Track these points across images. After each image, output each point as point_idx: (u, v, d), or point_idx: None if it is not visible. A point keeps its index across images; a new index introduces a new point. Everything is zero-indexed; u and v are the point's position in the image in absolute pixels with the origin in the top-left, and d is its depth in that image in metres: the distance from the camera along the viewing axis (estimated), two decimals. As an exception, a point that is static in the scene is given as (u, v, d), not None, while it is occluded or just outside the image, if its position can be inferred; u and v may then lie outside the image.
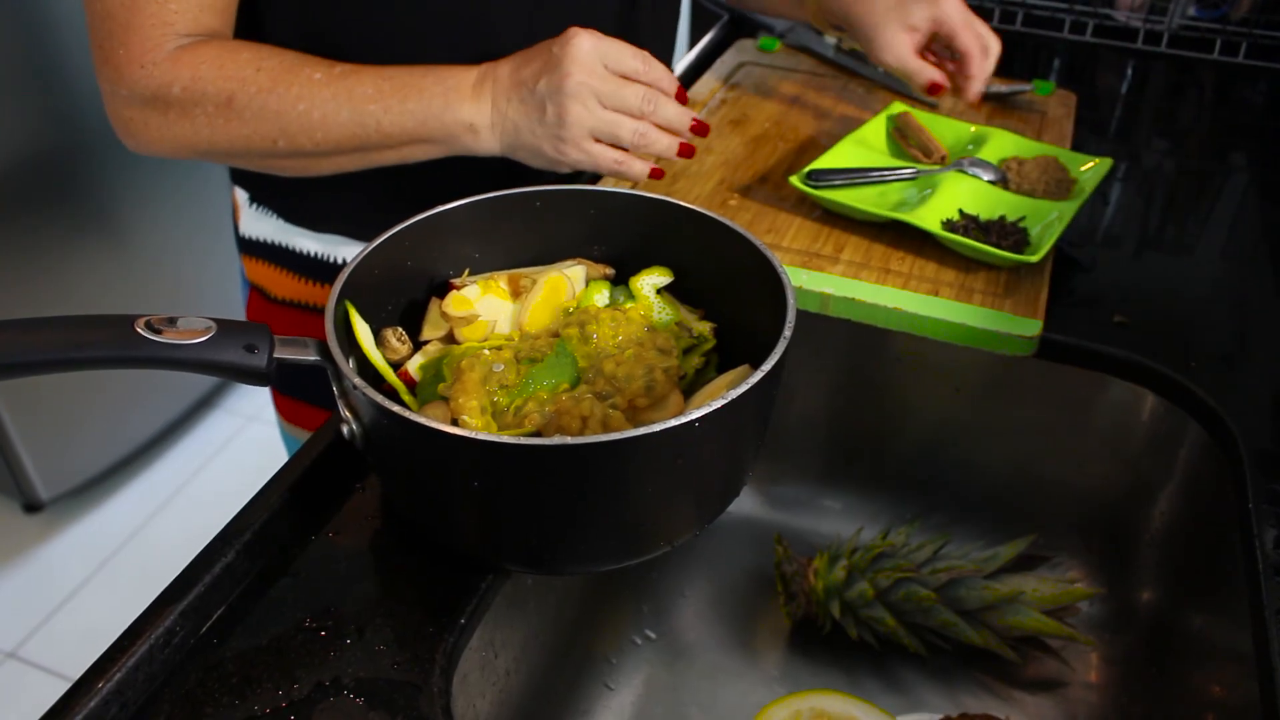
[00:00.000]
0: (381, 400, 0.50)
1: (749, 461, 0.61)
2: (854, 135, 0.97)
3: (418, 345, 0.65)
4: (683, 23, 1.76)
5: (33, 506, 1.89)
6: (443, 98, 0.76)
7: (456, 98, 0.76)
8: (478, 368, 0.58)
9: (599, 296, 0.66)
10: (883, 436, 0.91)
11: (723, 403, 0.51)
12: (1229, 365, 0.78)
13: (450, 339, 0.65)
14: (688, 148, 0.79)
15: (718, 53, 1.22)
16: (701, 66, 1.19)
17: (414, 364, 0.63)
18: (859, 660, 0.81)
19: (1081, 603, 0.80)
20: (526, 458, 0.49)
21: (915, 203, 0.89)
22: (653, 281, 0.67)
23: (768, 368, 0.53)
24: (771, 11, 1.15)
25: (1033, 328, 0.77)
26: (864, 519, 0.92)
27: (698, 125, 0.79)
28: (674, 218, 0.67)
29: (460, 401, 0.57)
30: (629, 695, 0.80)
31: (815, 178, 0.90)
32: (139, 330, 0.50)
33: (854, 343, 0.86)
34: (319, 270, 0.97)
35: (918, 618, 0.78)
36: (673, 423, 0.49)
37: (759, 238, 0.63)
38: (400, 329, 0.64)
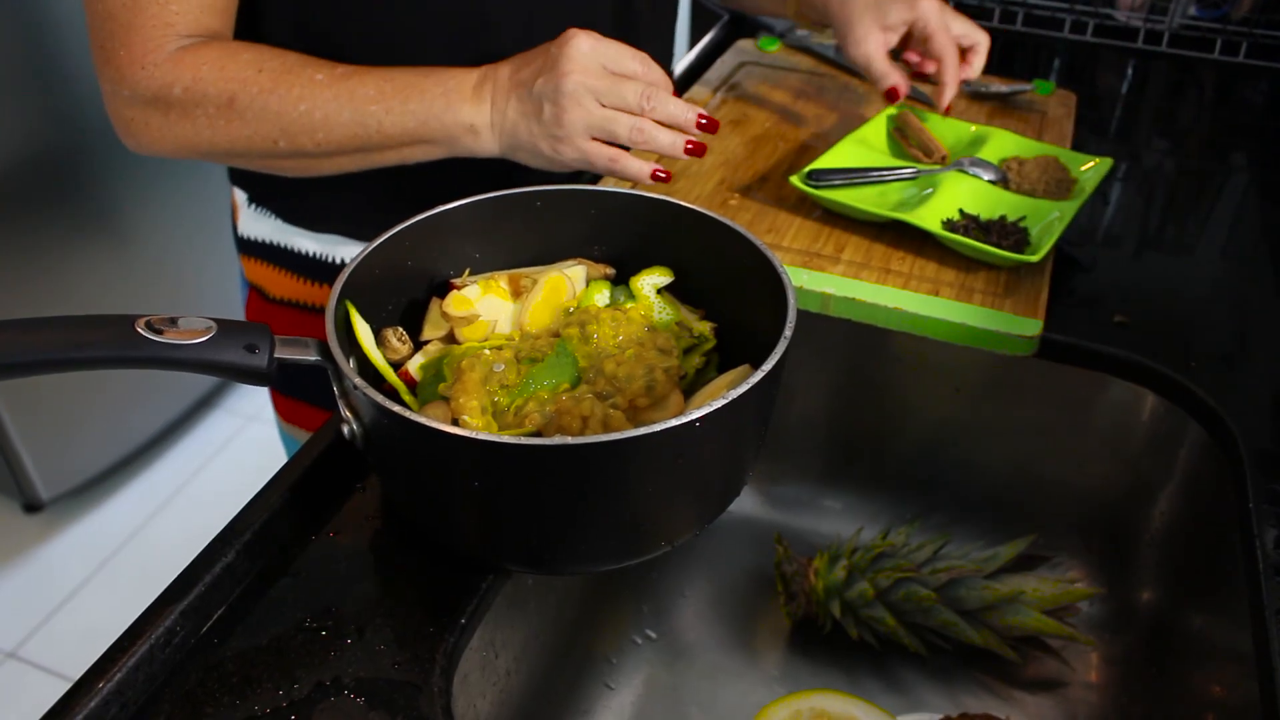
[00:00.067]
0: (382, 400, 0.50)
1: (749, 461, 0.61)
2: (854, 135, 0.97)
3: (418, 345, 0.65)
4: (683, 23, 1.76)
5: (33, 506, 1.89)
6: (443, 99, 0.76)
7: (457, 99, 0.76)
8: (478, 368, 0.58)
9: (599, 296, 0.66)
10: (883, 436, 0.92)
11: (723, 402, 0.51)
12: (1229, 365, 0.78)
13: (451, 339, 0.65)
14: (699, 146, 0.76)
15: (718, 53, 1.22)
16: (701, 66, 1.19)
17: (414, 364, 0.63)
18: (859, 660, 0.81)
19: (1081, 603, 0.80)
20: (527, 458, 0.49)
21: (915, 202, 0.89)
22: (653, 281, 0.67)
23: (768, 368, 0.53)
24: (756, 9, 1.15)
25: (1033, 328, 0.77)
26: (864, 519, 0.92)
27: (707, 122, 0.76)
28: (674, 217, 0.67)
29: (461, 401, 0.57)
30: (629, 695, 0.80)
31: (815, 177, 0.90)
32: (139, 330, 0.50)
33: (854, 343, 0.86)
34: (318, 270, 0.97)
35: (918, 618, 0.78)
36: (673, 423, 0.49)
37: (759, 237, 0.63)
38: (401, 329, 0.64)
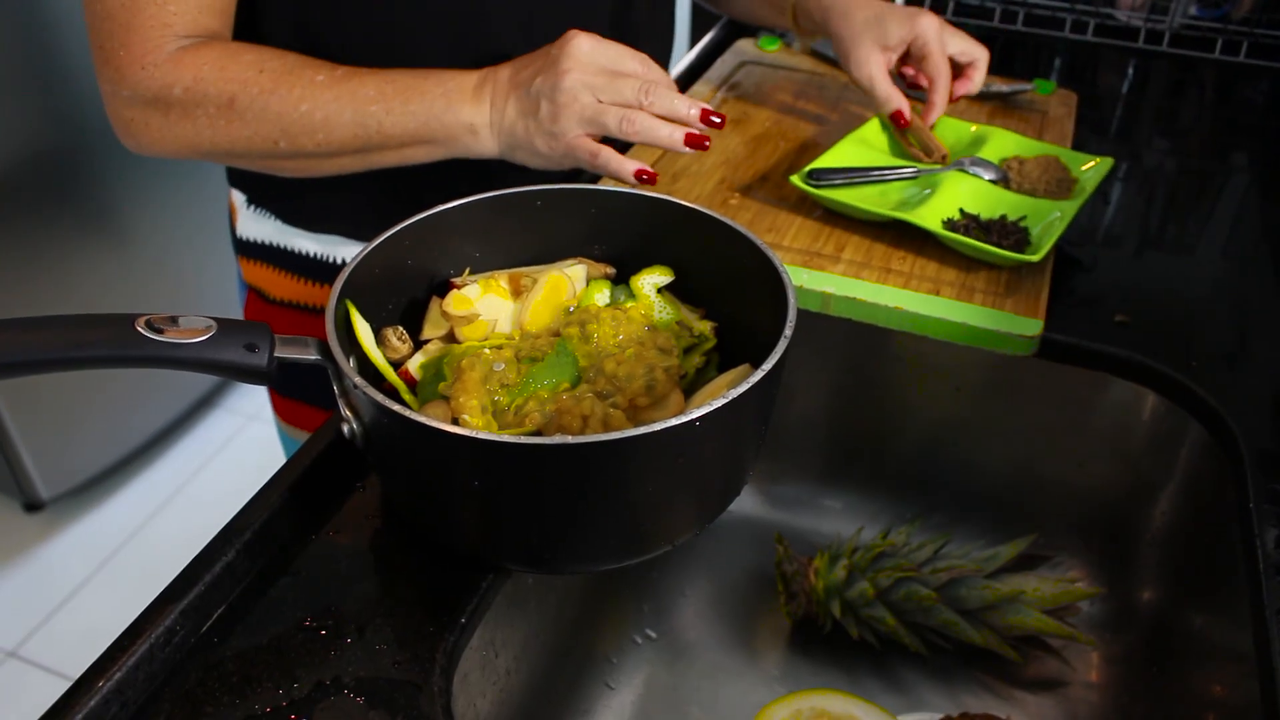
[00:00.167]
0: (382, 399, 0.50)
1: (750, 461, 0.61)
2: (855, 134, 0.97)
3: (418, 344, 0.65)
4: (683, 23, 1.76)
5: (33, 506, 1.89)
6: (444, 99, 0.76)
7: (458, 99, 0.76)
8: (478, 367, 0.58)
9: (600, 296, 0.66)
10: (883, 436, 0.91)
11: (723, 402, 0.51)
12: (1230, 365, 0.78)
13: (451, 338, 0.65)
14: (696, 137, 0.75)
15: (718, 52, 1.22)
16: (702, 66, 1.19)
17: (414, 363, 0.63)
18: (860, 660, 0.81)
19: (1082, 602, 0.80)
20: (527, 457, 0.49)
21: (916, 202, 0.89)
22: (653, 281, 0.67)
23: (768, 367, 0.53)
24: (754, 19, 1.14)
25: (1034, 327, 0.77)
26: (864, 518, 0.92)
27: (715, 118, 0.75)
28: (675, 217, 0.67)
29: (461, 400, 0.57)
30: (629, 695, 0.80)
31: (816, 177, 0.90)
32: (139, 329, 0.50)
33: (855, 342, 0.86)
34: (318, 271, 0.97)
35: (918, 617, 0.78)
36: (673, 422, 0.49)
37: (760, 237, 0.63)
38: (401, 328, 0.64)
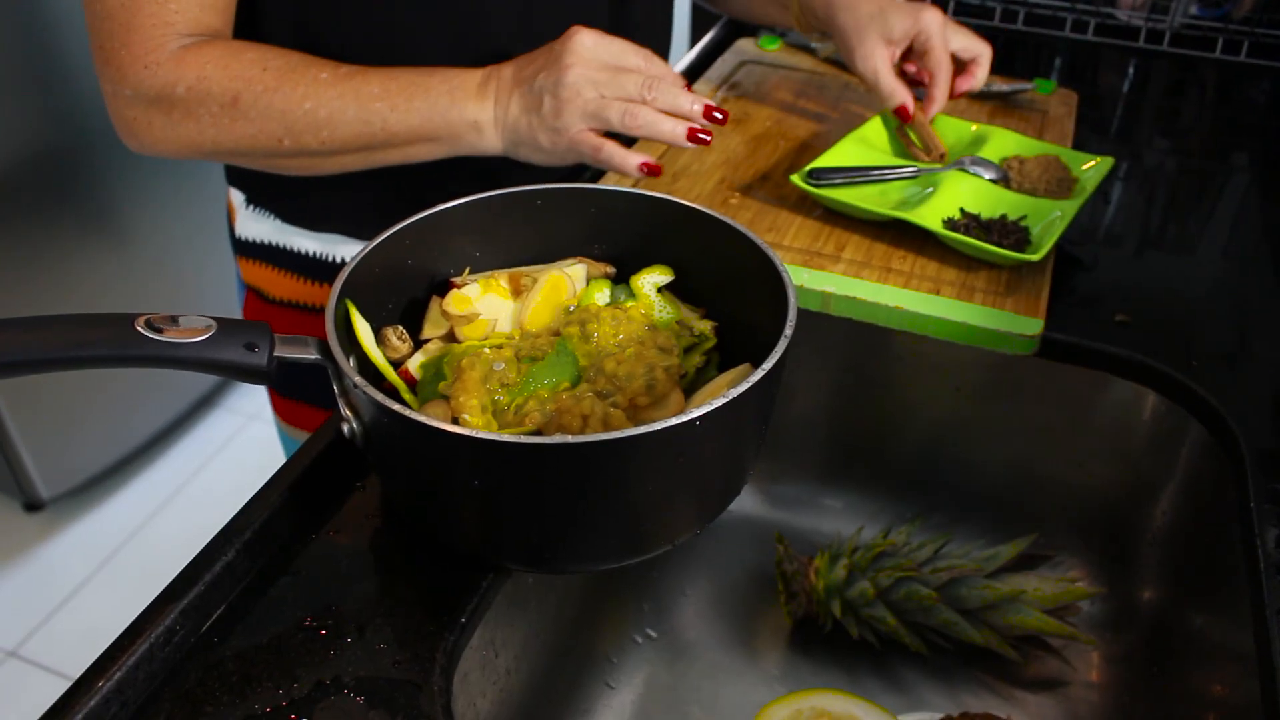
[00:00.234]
0: (382, 399, 0.50)
1: (750, 460, 0.61)
2: (855, 134, 0.97)
3: (418, 344, 0.65)
4: (683, 22, 1.75)
5: (33, 505, 1.89)
6: (448, 96, 0.76)
7: (462, 96, 0.76)
8: (478, 366, 0.58)
9: (600, 295, 0.66)
10: (884, 435, 0.91)
11: (724, 401, 0.50)
12: (1230, 364, 0.78)
13: (451, 337, 0.65)
14: (696, 132, 0.75)
15: (718, 52, 1.22)
16: (702, 65, 1.19)
17: (414, 362, 0.63)
18: (860, 659, 0.81)
19: (1082, 602, 0.80)
20: (527, 456, 0.49)
21: (916, 201, 0.89)
22: (653, 280, 0.67)
23: (768, 366, 0.53)
24: (756, 18, 1.14)
25: (1034, 327, 0.77)
26: (865, 518, 0.92)
27: (718, 113, 0.76)
28: (675, 216, 0.67)
29: (461, 400, 0.57)
30: (630, 694, 0.80)
31: (816, 176, 0.90)
32: (139, 329, 0.50)
33: (855, 341, 0.86)
34: (317, 270, 0.97)
35: (919, 617, 0.78)
36: (673, 421, 0.49)
37: (760, 236, 0.63)
38: (401, 327, 0.64)
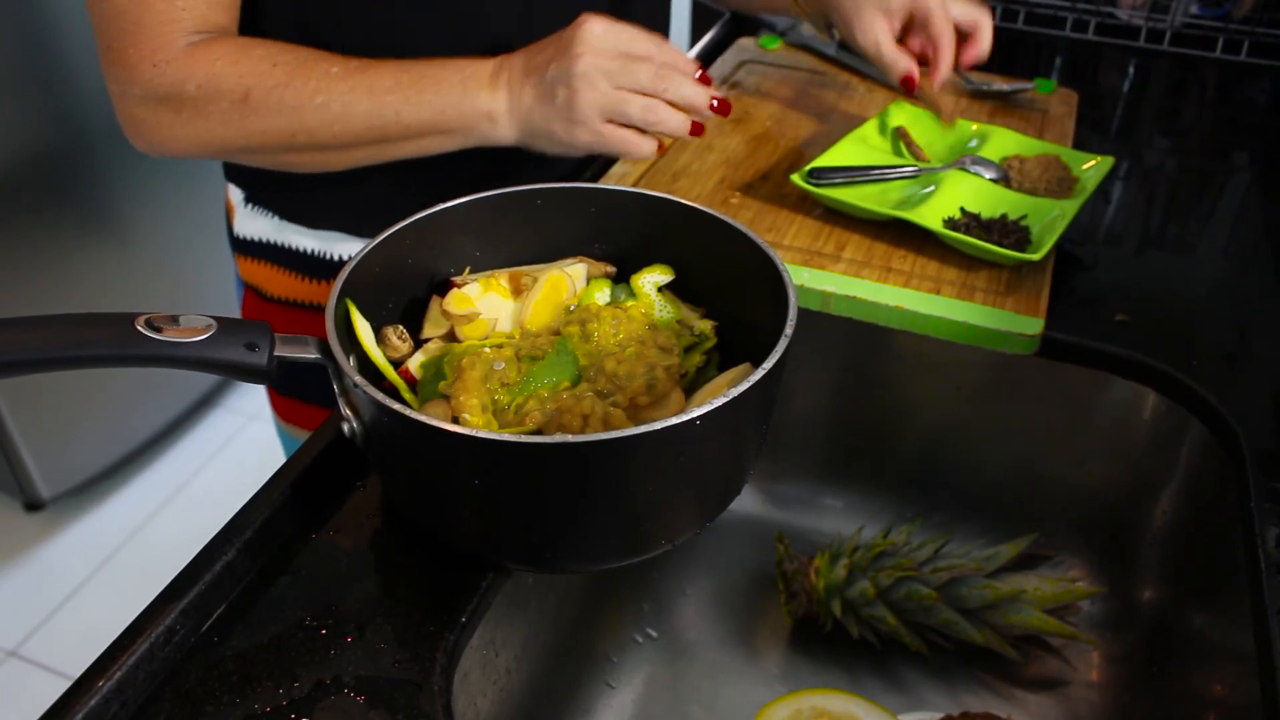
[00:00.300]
0: (382, 398, 0.50)
1: (750, 460, 0.61)
2: (855, 133, 0.97)
3: (418, 343, 0.65)
4: (683, 22, 1.75)
5: (34, 505, 1.89)
6: (460, 87, 0.76)
7: (474, 87, 0.76)
8: (479, 366, 0.58)
9: (600, 294, 0.66)
10: (884, 435, 0.91)
11: (724, 401, 0.50)
12: (1231, 364, 0.78)
13: (451, 337, 0.65)
14: (698, 126, 0.77)
15: (718, 51, 1.22)
16: (702, 65, 1.19)
17: (415, 362, 0.63)
18: (860, 659, 0.81)
19: (1083, 601, 0.80)
20: (527, 456, 0.49)
21: (917, 201, 0.89)
22: (654, 279, 0.67)
23: (769, 366, 0.53)
24: (756, 7, 1.14)
25: (1034, 326, 0.77)
26: (865, 517, 0.92)
27: (721, 104, 0.77)
28: (675, 216, 0.67)
29: (461, 399, 0.57)
30: (630, 694, 0.80)
31: (816, 176, 0.89)
32: (139, 328, 0.50)
33: (855, 341, 0.86)
34: (317, 268, 0.97)
35: (919, 616, 0.77)
36: (674, 421, 0.49)
37: (760, 236, 0.63)
38: (401, 327, 0.64)
